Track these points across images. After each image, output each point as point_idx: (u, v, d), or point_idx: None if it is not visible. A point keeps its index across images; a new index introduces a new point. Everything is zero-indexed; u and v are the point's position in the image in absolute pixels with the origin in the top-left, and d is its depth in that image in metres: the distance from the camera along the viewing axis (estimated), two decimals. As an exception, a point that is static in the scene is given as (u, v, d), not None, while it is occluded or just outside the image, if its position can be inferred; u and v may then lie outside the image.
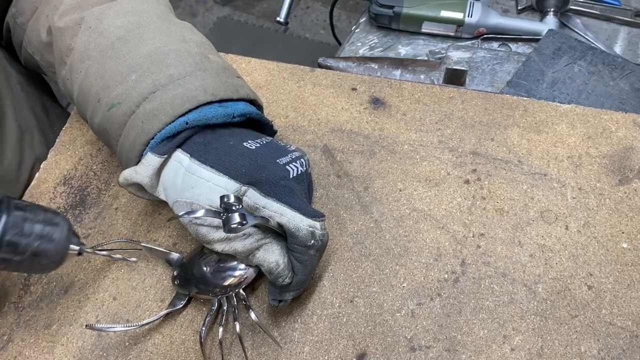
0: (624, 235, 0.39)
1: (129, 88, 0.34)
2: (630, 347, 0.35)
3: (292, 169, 0.35)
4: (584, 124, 0.45)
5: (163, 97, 0.33)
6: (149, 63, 0.34)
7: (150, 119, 0.33)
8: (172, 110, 0.33)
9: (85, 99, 0.36)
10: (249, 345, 0.36)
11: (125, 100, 0.34)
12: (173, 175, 0.34)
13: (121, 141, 0.35)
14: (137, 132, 0.34)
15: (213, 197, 0.33)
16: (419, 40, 0.63)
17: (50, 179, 0.44)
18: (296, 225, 0.32)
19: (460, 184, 0.42)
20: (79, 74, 0.36)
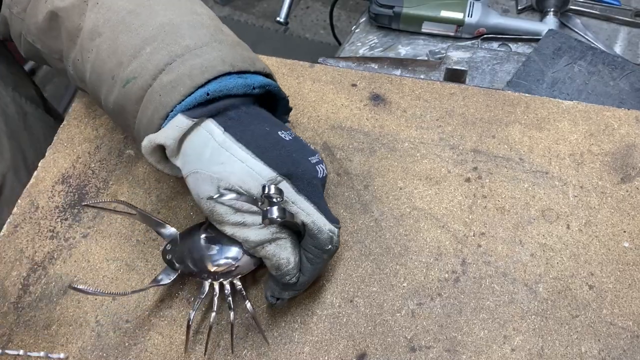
0: (625, 234, 0.39)
1: (144, 61, 0.33)
2: (631, 348, 0.35)
3: (320, 170, 0.35)
4: (586, 121, 0.44)
5: (180, 68, 0.33)
6: (163, 35, 0.34)
7: (169, 91, 0.32)
8: (190, 81, 0.32)
9: (99, 77, 0.35)
10: (248, 345, 0.36)
11: (141, 74, 0.33)
12: (201, 145, 0.33)
13: (139, 117, 0.34)
14: (155, 105, 0.33)
15: (246, 179, 0.32)
16: (419, 40, 0.63)
17: (48, 178, 0.44)
18: (319, 228, 0.33)
19: (461, 182, 0.42)
20: (90, 52, 0.35)
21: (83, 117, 0.47)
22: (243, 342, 0.36)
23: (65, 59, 0.39)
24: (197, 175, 0.33)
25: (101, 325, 0.37)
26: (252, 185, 0.32)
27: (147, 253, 0.40)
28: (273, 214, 0.30)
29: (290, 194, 0.33)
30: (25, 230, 0.41)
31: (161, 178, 0.43)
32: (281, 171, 0.33)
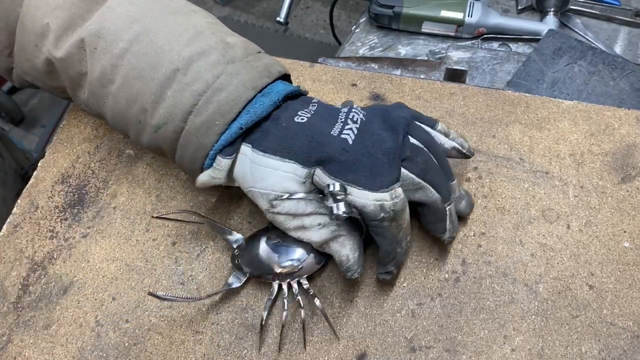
0: (625, 234, 0.39)
1: (170, 107, 0.33)
2: (632, 348, 0.35)
3: (348, 135, 0.34)
4: (586, 121, 0.44)
5: (209, 107, 0.33)
6: (179, 75, 0.33)
7: (204, 132, 0.33)
8: (222, 119, 0.33)
9: (124, 122, 0.36)
10: (248, 345, 0.36)
11: (170, 120, 0.34)
12: (241, 167, 0.35)
13: (179, 155, 0.35)
14: (194, 147, 0.34)
15: (286, 184, 0.33)
16: (419, 40, 0.63)
17: (48, 178, 0.44)
18: (362, 203, 0.33)
19: (462, 181, 0.42)
20: (105, 99, 0.35)
21: (83, 116, 0.47)
22: (242, 343, 0.36)
23: (74, 97, 0.38)
24: (252, 193, 0.35)
25: (101, 325, 0.37)
26: (294, 187, 0.34)
27: (147, 253, 0.40)
28: (339, 210, 0.32)
29: (325, 180, 0.33)
30: (25, 230, 0.41)
31: (161, 178, 0.43)
32: (309, 163, 0.33)
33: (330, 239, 0.34)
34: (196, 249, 0.40)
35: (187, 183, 0.43)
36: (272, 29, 1.51)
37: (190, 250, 0.40)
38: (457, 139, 0.38)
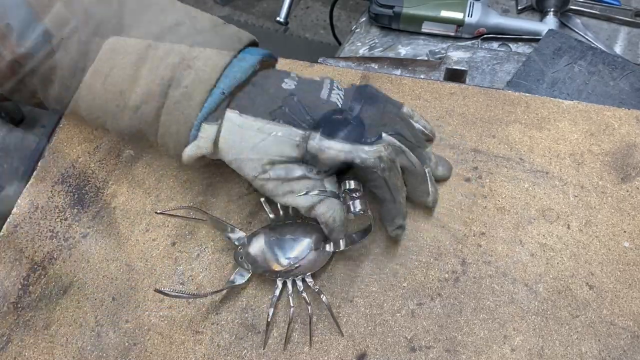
0: (625, 234, 0.39)
1: (148, 83, 0.33)
2: (632, 348, 0.35)
3: (336, 99, 0.35)
4: (586, 121, 0.44)
5: (187, 78, 0.33)
6: (151, 51, 0.33)
7: (185, 104, 0.33)
8: (202, 86, 0.33)
9: (101, 109, 0.35)
10: (248, 345, 0.36)
11: (149, 98, 0.33)
12: (228, 135, 0.34)
13: (161, 133, 0.35)
14: (176, 120, 0.33)
15: (281, 148, 0.34)
16: (419, 40, 0.63)
17: (47, 178, 0.44)
18: (361, 158, 0.34)
19: (461, 182, 0.42)
20: (79, 89, 0.35)
21: (83, 117, 0.47)
22: (242, 343, 0.36)
23: (44, 97, 0.37)
24: (238, 161, 0.34)
25: (101, 325, 0.37)
26: (289, 151, 0.34)
27: (147, 253, 0.40)
28: (356, 207, 0.34)
29: (322, 142, 0.34)
30: (25, 230, 0.41)
31: (161, 178, 0.43)
32: (305, 124, 0.34)
33: (316, 202, 0.35)
34: (196, 249, 0.40)
35: (187, 184, 0.43)
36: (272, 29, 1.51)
37: (190, 251, 0.40)
38: (421, 121, 0.40)
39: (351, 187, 0.33)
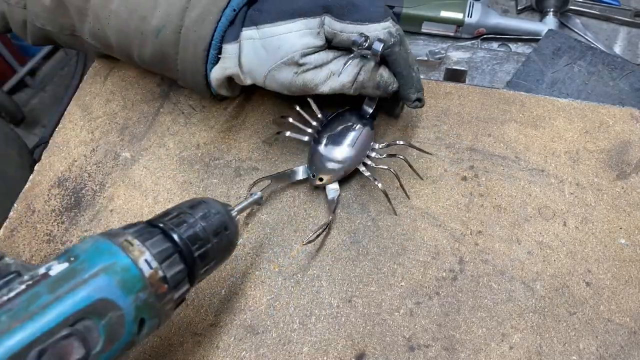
0: (622, 231, 0.39)
1: (166, 7, 0.36)
2: (629, 344, 0.35)
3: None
4: (581, 119, 0.44)
5: (201, 0, 0.36)
6: None
7: (200, 24, 0.36)
8: (215, 7, 0.36)
9: (127, 37, 0.38)
10: (247, 346, 0.36)
11: (168, 20, 0.36)
12: (253, 53, 0.36)
13: (181, 57, 0.37)
14: (194, 41, 0.36)
15: (305, 40, 0.35)
16: (418, 40, 0.63)
17: (44, 181, 0.43)
18: (374, 35, 0.36)
19: (458, 180, 0.42)
20: (108, 19, 0.38)
21: (78, 119, 0.47)
22: (241, 344, 0.36)
23: (80, 32, 0.41)
24: (271, 74, 0.36)
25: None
26: (312, 40, 0.35)
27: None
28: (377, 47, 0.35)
29: (335, 25, 0.36)
30: (22, 234, 0.41)
31: (158, 180, 0.43)
32: (318, 12, 0.36)
33: (357, 72, 0.36)
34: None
35: (185, 185, 0.43)
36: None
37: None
38: None
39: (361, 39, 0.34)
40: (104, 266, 0.24)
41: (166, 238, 0.27)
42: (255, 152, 0.44)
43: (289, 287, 0.38)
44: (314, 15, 0.35)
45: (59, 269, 0.24)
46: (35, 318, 0.22)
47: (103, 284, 0.24)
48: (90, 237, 0.26)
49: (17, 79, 1.44)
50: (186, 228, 0.28)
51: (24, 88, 1.48)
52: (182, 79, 0.40)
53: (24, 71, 1.43)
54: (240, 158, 0.44)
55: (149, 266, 0.26)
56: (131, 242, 0.26)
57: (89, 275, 0.24)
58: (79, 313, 0.23)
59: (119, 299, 0.24)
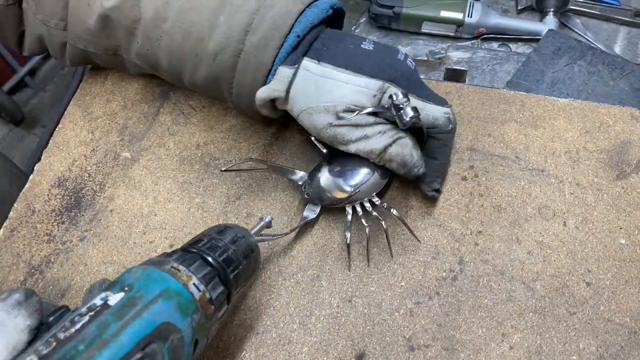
0: (622, 231, 0.39)
1: (225, 30, 0.35)
2: (629, 344, 0.35)
3: (411, 63, 0.37)
4: (581, 119, 0.44)
5: (263, 24, 0.35)
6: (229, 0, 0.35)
7: (262, 49, 0.35)
8: (278, 33, 0.34)
9: (180, 60, 0.37)
10: (247, 346, 0.36)
11: (227, 44, 0.35)
12: (303, 84, 0.35)
13: (237, 81, 0.36)
14: (254, 66, 0.35)
15: (357, 97, 0.35)
16: (418, 40, 0.63)
17: (44, 181, 0.43)
18: (435, 116, 0.36)
19: (458, 180, 0.42)
20: (159, 39, 0.37)
21: (79, 120, 0.47)
22: (242, 344, 0.36)
23: (126, 52, 0.40)
24: (309, 111, 0.35)
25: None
26: (365, 100, 0.35)
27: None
28: (408, 115, 0.33)
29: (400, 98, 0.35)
30: (22, 234, 0.41)
31: (158, 181, 0.43)
32: (384, 78, 0.35)
33: (390, 143, 0.36)
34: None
35: (185, 185, 0.43)
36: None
37: (188, 252, 0.40)
38: None
39: (399, 98, 0.33)
40: (160, 292, 0.25)
41: (205, 262, 0.29)
42: (255, 152, 0.44)
43: (289, 287, 0.38)
44: (379, 80, 0.35)
45: (116, 298, 0.25)
46: (111, 345, 0.23)
47: (163, 308, 0.25)
48: (136, 267, 0.27)
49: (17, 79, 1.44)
50: (220, 252, 0.30)
51: (24, 88, 1.49)
52: (235, 103, 0.38)
53: (24, 71, 1.43)
54: (240, 158, 0.44)
55: (197, 289, 0.27)
56: (177, 269, 0.27)
57: (148, 302, 0.25)
58: (147, 337, 0.24)
59: (179, 322, 0.25)
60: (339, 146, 0.36)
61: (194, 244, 0.30)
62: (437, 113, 0.36)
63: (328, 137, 0.36)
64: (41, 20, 0.41)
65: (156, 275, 0.26)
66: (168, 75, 0.40)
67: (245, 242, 0.32)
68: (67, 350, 0.22)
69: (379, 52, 0.36)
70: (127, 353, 0.23)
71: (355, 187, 0.37)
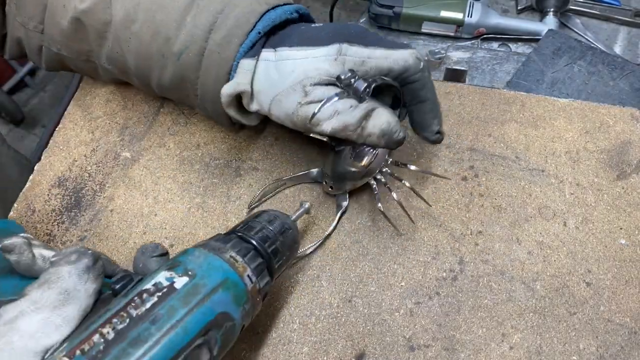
0: (622, 231, 0.39)
1: (191, 29, 0.35)
2: (629, 344, 0.35)
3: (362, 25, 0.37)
4: (581, 119, 0.44)
5: (227, 22, 0.35)
6: (197, 1, 0.35)
7: (225, 46, 0.35)
8: (241, 30, 0.35)
9: (147, 61, 0.37)
10: (247, 346, 0.36)
11: (192, 42, 0.35)
12: (265, 74, 0.35)
13: (202, 81, 0.36)
14: (217, 63, 0.35)
15: (320, 66, 0.34)
16: (419, 40, 0.63)
17: (44, 181, 0.43)
18: (404, 59, 0.34)
19: (458, 180, 0.42)
20: (129, 41, 0.37)
21: (79, 120, 0.47)
22: (241, 344, 0.36)
23: (97, 57, 0.40)
24: (278, 98, 0.34)
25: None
26: (327, 67, 0.34)
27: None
28: (360, 88, 0.33)
29: (362, 52, 0.34)
30: (22, 234, 0.41)
31: (158, 180, 0.43)
32: (340, 40, 0.34)
33: (364, 115, 0.34)
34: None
35: (185, 185, 0.43)
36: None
37: (188, 252, 0.40)
38: None
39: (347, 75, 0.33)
40: (220, 282, 0.27)
41: (257, 253, 0.31)
42: (256, 152, 0.44)
43: (289, 287, 0.38)
44: (334, 43, 0.34)
45: (181, 282, 0.27)
46: (178, 331, 0.25)
47: (222, 298, 0.27)
48: (198, 251, 0.29)
49: (17, 79, 1.44)
50: (270, 243, 0.32)
51: (24, 88, 1.49)
52: (200, 105, 0.38)
53: (24, 71, 1.43)
54: (240, 158, 0.44)
55: (250, 280, 0.29)
56: (235, 259, 0.29)
57: (210, 291, 0.27)
58: (208, 325, 0.26)
59: (233, 312, 0.28)
60: (314, 129, 0.34)
61: (247, 231, 0.32)
62: (404, 56, 0.35)
63: (300, 121, 0.34)
64: (21, 23, 0.41)
65: (217, 265, 0.28)
66: (136, 78, 0.40)
67: (292, 234, 0.34)
68: (141, 330, 0.24)
69: (329, 25, 0.36)
70: (191, 339, 0.25)
71: (369, 155, 0.38)
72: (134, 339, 0.24)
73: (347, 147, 0.39)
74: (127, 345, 0.23)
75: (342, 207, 0.40)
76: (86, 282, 0.26)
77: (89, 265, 0.26)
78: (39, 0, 0.39)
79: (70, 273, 0.26)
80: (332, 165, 0.39)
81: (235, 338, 0.29)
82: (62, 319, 0.25)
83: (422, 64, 0.35)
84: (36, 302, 0.25)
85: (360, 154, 0.38)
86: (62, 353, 0.23)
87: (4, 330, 0.24)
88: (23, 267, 0.29)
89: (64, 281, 0.25)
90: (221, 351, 0.27)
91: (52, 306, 0.25)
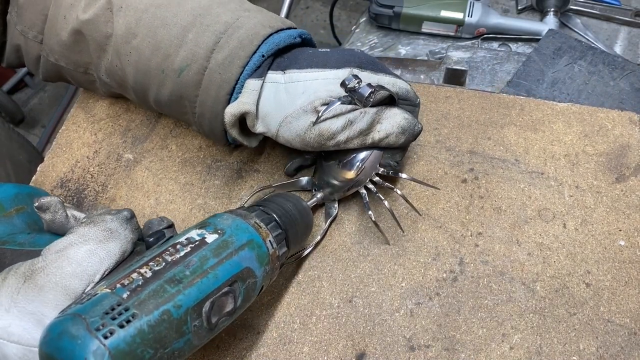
0: (621, 232, 0.39)
1: (193, 47, 0.35)
2: (629, 345, 0.35)
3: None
4: (580, 122, 0.45)
5: (230, 43, 0.35)
6: (199, 18, 0.35)
7: (227, 67, 0.35)
8: (244, 52, 0.35)
9: (146, 76, 0.37)
10: (247, 346, 0.36)
11: (194, 60, 0.35)
12: (274, 96, 0.35)
13: (201, 100, 0.36)
14: (217, 84, 0.35)
15: (330, 88, 0.35)
16: (419, 40, 0.63)
17: (47, 182, 0.44)
18: (406, 88, 0.37)
19: (458, 183, 0.42)
20: (129, 55, 0.37)
21: (82, 121, 0.47)
22: (241, 343, 0.36)
23: (96, 69, 0.40)
24: (288, 120, 0.35)
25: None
26: (338, 90, 0.35)
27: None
28: (365, 92, 0.34)
29: (372, 78, 0.36)
30: (25, 235, 0.41)
31: (160, 182, 0.43)
32: (351, 65, 0.36)
33: (377, 119, 0.36)
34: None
35: (186, 186, 0.43)
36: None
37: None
38: None
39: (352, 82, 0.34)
40: (247, 241, 0.30)
41: (277, 225, 0.33)
42: (257, 154, 0.44)
43: (290, 287, 0.38)
44: (346, 68, 0.35)
45: (212, 237, 0.29)
46: (209, 276, 0.27)
47: (248, 255, 0.30)
48: (226, 215, 0.31)
49: (17, 79, 1.44)
50: (290, 220, 0.34)
51: (24, 88, 1.49)
52: (197, 123, 0.38)
53: (24, 71, 1.43)
54: (241, 160, 0.44)
55: (271, 246, 0.32)
56: (259, 225, 0.32)
57: (238, 247, 0.30)
58: (235, 276, 0.29)
59: (256, 269, 0.30)
60: (328, 144, 0.35)
61: (269, 205, 0.34)
62: (406, 86, 0.37)
63: (314, 138, 0.35)
64: (20, 32, 0.41)
65: (244, 227, 0.31)
66: (134, 92, 0.39)
67: (307, 216, 0.36)
68: (176, 272, 0.27)
69: (337, 50, 0.37)
70: (219, 285, 0.28)
71: (359, 162, 0.38)
72: (170, 278, 0.26)
73: (335, 158, 0.39)
74: (163, 282, 0.26)
75: (331, 216, 0.40)
76: (125, 229, 0.29)
77: (127, 217, 0.30)
78: (41, 10, 0.39)
79: (112, 219, 0.29)
80: (322, 172, 0.40)
81: (255, 295, 0.31)
82: (106, 252, 0.28)
83: (418, 100, 0.38)
84: (84, 235, 0.28)
85: (347, 165, 0.38)
86: (104, 286, 0.25)
87: (55, 257, 0.27)
88: (57, 225, 0.32)
89: (108, 222, 0.29)
90: (243, 304, 0.30)
91: (98, 240, 0.28)
